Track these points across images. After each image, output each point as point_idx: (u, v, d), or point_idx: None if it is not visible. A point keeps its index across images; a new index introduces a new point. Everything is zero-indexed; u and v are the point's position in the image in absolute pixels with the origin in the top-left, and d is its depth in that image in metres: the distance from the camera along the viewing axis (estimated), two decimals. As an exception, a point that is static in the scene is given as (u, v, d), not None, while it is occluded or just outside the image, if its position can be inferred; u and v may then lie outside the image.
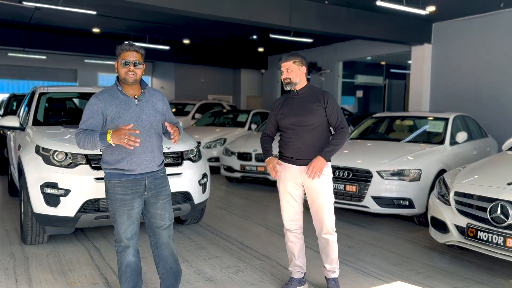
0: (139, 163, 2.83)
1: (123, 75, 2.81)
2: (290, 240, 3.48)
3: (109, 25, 11.23)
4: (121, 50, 2.82)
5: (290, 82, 3.28)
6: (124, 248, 2.89)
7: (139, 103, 2.87)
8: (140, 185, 2.86)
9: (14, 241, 4.58)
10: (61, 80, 17.79)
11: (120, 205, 2.83)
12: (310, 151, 3.27)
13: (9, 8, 9.04)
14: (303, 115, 3.26)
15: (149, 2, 6.63)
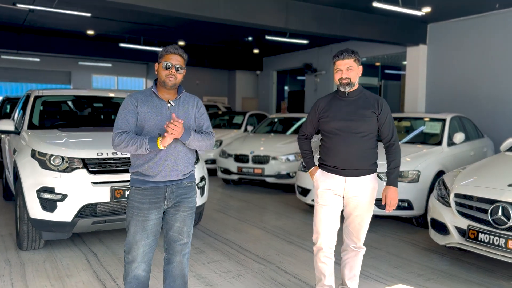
0: (160, 169, 2.67)
1: (163, 78, 2.68)
2: (321, 260, 3.14)
3: (103, 27, 11.16)
4: (165, 52, 2.72)
5: (349, 83, 2.96)
6: (131, 261, 2.72)
7: (172, 108, 2.74)
8: (159, 194, 2.70)
9: (9, 246, 4.51)
10: (55, 83, 17.64)
11: (136, 214, 2.68)
12: (357, 161, 2.99)
13: (2, 10, 8.94)
14: (354, 121, 2.97)
15: (144, 4, 6.58)
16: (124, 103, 2.71)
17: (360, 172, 3.03)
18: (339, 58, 2.98)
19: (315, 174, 3.15)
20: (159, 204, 2.70)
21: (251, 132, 9.56)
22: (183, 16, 7.16)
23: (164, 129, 2.60)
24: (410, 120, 7.27)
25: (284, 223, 5.72)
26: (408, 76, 10.28)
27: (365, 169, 3.05)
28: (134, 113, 2.68)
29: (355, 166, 3.01)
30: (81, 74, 17.69)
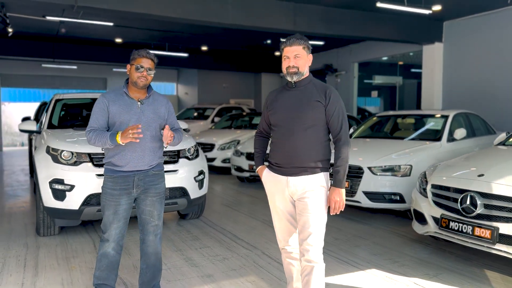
0: (128, 160, 3.01)
1: (135, 79, 2.99)
2: (285, 260, 3.00)
3: (130, 35, 11.86)
4: (138, 55, 3.02)
5: (297, 72, 2.70)
6: (105, 240, 3.10)
7: (141, 106, 3.05)
8: (128, 181, 3.03)
9: (30, 233, 5.07)
10: (92, 88, 18.69)
11: (108, 199, 3.04)
12: (301, 158, 2.69)
13: (36, 22, 9.76)
14: (297, 111, 2.70)
15: (156, 13, 7.09)
16: (97, 103, 3.05)
17: (305, 170, 2.71)
18: (287, 44, 2.73)
19: (262, 174, 2.92)
20: (129, 191, 3.05)
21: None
22: (192, 22, 7.62)
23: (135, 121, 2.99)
24: (414, 117, 7.36)
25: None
26: (424, 74, 10.27)
27: (310, 167, 2.70)
28: (105, 112, 3.01)
29: (298, 163, 2.71)
30: (116, 80, 18.66)
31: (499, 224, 3.55)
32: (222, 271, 3.88)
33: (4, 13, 8.37)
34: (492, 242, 3.56)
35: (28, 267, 3.94)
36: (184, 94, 18.97)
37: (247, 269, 3.93)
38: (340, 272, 3.88)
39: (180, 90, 19.50)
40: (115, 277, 3.23)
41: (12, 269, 3.90)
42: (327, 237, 4.86)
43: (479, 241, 3.66)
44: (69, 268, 3.94)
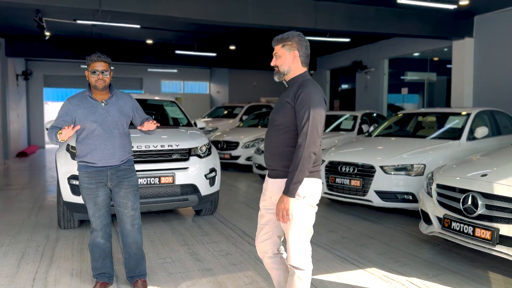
0: (100, 157, 3.25)
1: (93, 83, 3.21)
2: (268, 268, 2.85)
3: (159, 36, 12.23)
4: (90, 61, 3.23)
5: (277, 71, 2.64)
6: (93, 230, 3.35)
7: (106, 106, 3.28)
8: (102, 176, 3.27)
9: (52, 226, 5.40)
10: (129, 88, 19.34)
11: (87, 193, 3.29)
12: (274, 159, 2.59)
13: (70, 25, 10.27)
14: (273, 112, 2.67)
15: (177, 15, 7.30)
16: (62, 105, 3.29)
17: (278, 173, 2.58)
18: (273, 44, 2.68)
19: None
20: (104, 183, 3.29)
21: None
22: (213, 23, 7.78)
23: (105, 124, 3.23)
24: (435, 116, 7.19)
25: (297, 214, 6.06)
26: (454, 70, 9.95)
27: (283, 170, 2.54)
28: (68, 114, 3.23)
29: (273, 166, 2.61)
30: (151, 80, 19.24)
31: (500, 225, 3.46)
32: (222, 266, 4.00)
33: (40, 17, 8.88)
34: (492, 243, 3.48)
35: (45, 257, 4.23)
36: (216, 93, 19.27)
37: (247, 264, 4.04)
38: (338, 270, 3.91)
39: (213, 89, 19.82)
40: (111, 264, 3.47)
41: (30, 258, 4.20)
42: (335, 236, 4.92)
43: (480, 242, 3.59)
44: (81, 259, 4.19)
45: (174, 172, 5.01)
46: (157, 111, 6.77)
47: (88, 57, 3.27)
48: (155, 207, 5.08)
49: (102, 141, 3.23)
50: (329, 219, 5.72)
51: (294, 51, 2.61)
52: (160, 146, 5.04)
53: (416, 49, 11.72)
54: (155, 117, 6.85)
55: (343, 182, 5.81)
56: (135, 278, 3.46)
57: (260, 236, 2.75)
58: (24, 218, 5.78)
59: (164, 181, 4.95)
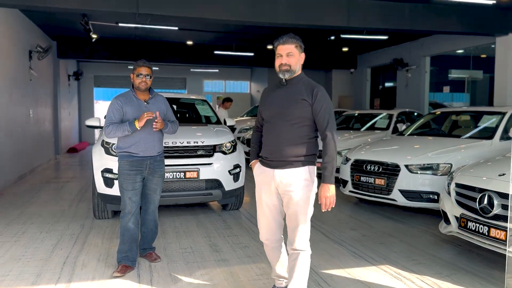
0: (143, 149, 3.78)
1: (137, 84, 3.76)
2: (268, 251, 3.10)
3: (198, 37, 12.58)
4: (137, 65, 3.77)
5: (289, 69, 2.81)
6: (127, 214, 3.74)
7: (147, 105, 3.84)
8: (142, 165, 3.79)
9: (89, 216, 5.79)
10: (173, 88, 19.98)
11: (126, 179, 3.76)
12: (285, 151, 2.78)
13: (114, 28, 10.82)
14: (284, 108, 2.81)
15: (209, 16, 7.52)
16: (111, 103, 3.78)
17: (289, 163, 2.80)
18: (280, 42, 2.84)
19: (254, 167, 3.04)
20: (142, 171, 3.79)
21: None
22: (243, 24, 7.94)
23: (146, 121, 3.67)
24: (470, 114, 6.96)
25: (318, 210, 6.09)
26: (497, 67, 9.52)
27: (295, 160, 2.79)
28: (119, 111, 3.76)
29: (283, 157, 2.80)
30: (194, 79, 19.75)
31: (515, 225, 3.37)
32: (238, 257, 4.16)
33: (86, 21, 9.44)
34: (506, 244, 3.40)
35: (77, 244, 4.58)
36: (256, 92, 19.48)
37: (261, 257, 4.17)
38: (351, 266, 3.95)
39: (253, 88, 20.05)
40: (136, 249, 3.84)
41: (64, 244, 4.56)
42: (355, 234, 4.96)
43: (495, 243, 3.52)
44: (109, 247, 4.50)
45: (198, 167, 5.23)
46: (189, 109, 7.04)
47: (135, 62, 3.78)
48: (182, 200, 5.33)
49: (144, 135, 3.73)
50: (353, 217, 5.74)
51: (302, 52, 2.89)
52: (186, 142, 5.28)
53: (459, 46, 11.32)
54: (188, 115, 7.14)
55: (367, 180, 5.80)
56: (148, 251, 4.04)
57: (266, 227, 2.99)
58: (65, 209, 6.22)
59: (189, 176, 5.18)
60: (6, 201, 6.67)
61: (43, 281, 3.55)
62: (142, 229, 3.99)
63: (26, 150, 9.49)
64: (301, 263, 2.84)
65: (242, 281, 3.58)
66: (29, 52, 9.87)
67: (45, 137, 11.68)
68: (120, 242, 3.78)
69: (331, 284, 3.53)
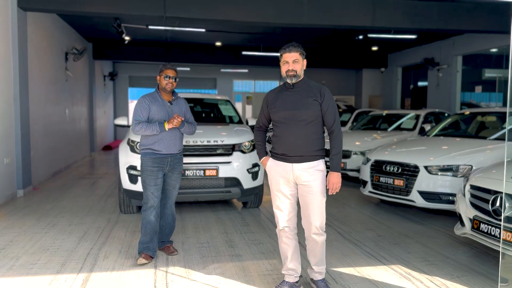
0: (165, 146, 4.00)
1: (163, 85, 4.00)
2: (283, 241, 3.33)
3: (226, 38, 12.80)
4: (165, 68, 4.04)
5: (295, 74, 3.13)
6: (149, 208, 3.96)
7: (171, 106, 4.10)
8: (164, 162, 4.01)
9: (116, 211, 6.07)
10: (204, 88, 20.35)
11: (149, 175, 3.98)
12: (303, 148, 3.14)
13: (145, 31, 11.19)
14: (298, 109, 3.12)
15: (234, 18, 7.69)
16: (139, 102, 3.98)
17: (306, 158, 3.15)
18: (286, 51, 3.14)
19: (267, 163, 3.32)
20: (164, 168, 4.02)
21: (349, 129, 9.92)
22: (268, 25, 8.06)
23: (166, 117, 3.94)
24: (496, 115, 6.79)
25: (341, 212, 6.15)
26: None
27: (310, 155, 3.15)
28: (146, 110, 3.95)
29: (300, 153, 3.14)
30: (224, 79, 20.04)
31: (526, 228, 3.34)
32: (251, 253, 4.29)
33: (118, 24, 9.82)
34: (517, 246, 3.37)
35: (102, 237, 4.84)
36: (286, 92, 19.54)
37: (274, 253, 4.28)
38: (361, 265, 4.00)
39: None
40: (157, 241, 4.06)
41: (90, 237, 4.83)
42: (371, 234, 4.99)
43: (506, 245, 3.48)
44: (131, 240, 4.73)
45: (218, 165, 5.40)
46: (212, 109, 7.23)
47: (163, 65, 4.04)
48: (201, 197, 5.52)
49: (167, 133, 3.96)
50: (372, 218, 5.75)
51: (304, 59, 3.24)
52: (206, 141, 5.46)
53: (492, 45, 11.00)
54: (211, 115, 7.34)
55: (386, 181, 5.80)
56: (166, 244, 4.26)
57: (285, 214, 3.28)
58: (94, 203, 6.55)
59: (208, 174, 5.36)
60: (41, 196, 7.08)
61: (67, 270, 3.81)
62: (161, 223, 4.20)
63: (61, 147, 9.99)
64: (321, 246, 3.27)
65: (252, 276, 3.71)
66: (65, 53, 10.37)
67: (80, 135, 12.22)
68: (142, 234, 4.00)
69: (338, 281, 3.60)
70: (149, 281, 3.59)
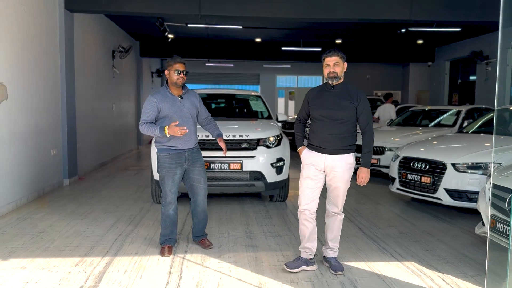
0: (181, 142, 4.05)
1: (174, 80, 3.96)
2: (303, 223, 3.72)
3: (267, 34, 12.92)
4: (174, 62, 3.98)
5: (336, 76, 3.51)
6: (168, 203, 4.10)
7: (181, 100, 4.07)
8: (182, 157, 4.07)
9: (149, 200, 6.41)
10: (247, 84, 20.66)
11: (167, 172, 4.05)
12: (336, 142, 3.54)
13: (185, 29, 11.55)
14: (335, 110, 3.51)
15: (268, 15, 7.79)
16: (148, 101, 3.96)
17: (338, 151, 3.57)
18: (328, 55, 3.55)
19: (303, 152, 3.74)
20: (182, 163, 4.07)
21: (387, 124, 9.74)
22: (304, 20, 8.11)
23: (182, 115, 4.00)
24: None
25: (368, 208, 6.12)
26: None
27: (342, 149, 3.57)
28: (155, 108, 3.93)
29: (333, 146, 3.56)
30: (267, 75, 20.21)
31: (541, 229, 3.22)
32: (267, 245, 4.43)
33: (161, 23, 10.23)
34: (531, 247, 3.26)
35: (132, 224, 5.16)
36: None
37: (289, 246, 4.39)
38: (374, 260, 4.02)
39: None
40: (176, 232, 4.26)
41: (121, 224, 5.17)
42: (392, 231, 5.00)
43: (521, 246, 3.37)
44: (158, 228, 5.00)
45: (242, 159, 5.57)
46: (243, 104, 7.41)
47: (171, 59, 3.99)
48: (226, 189, 5.72)
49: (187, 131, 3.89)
50: (398, 215, 5.69)
51: (345, 63, 3.62)
52: (231, 136, 5.64)
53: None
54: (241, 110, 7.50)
55: (414, 178, 5.71)
56: (201, 238, 4.37)
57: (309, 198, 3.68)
58: (131, 193, 6.94)
59: (233, 167, 5.54)
60: (85, 185, 7.60)
61: (94, 253, 4.14)
62: (194, 220, 4.31)
63: (108, 140, 10.59)
64: (339, 222, 3.77)
65: (263, 265, 3.85)
66: (112, 52, 10.95)
67: (127, 129, 12.86)
68: (162, 227, 4.17)
69: (346, 275, 3.66)
70: (166, 266, 3.83)
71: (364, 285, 3.46)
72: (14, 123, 5.85)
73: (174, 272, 3.70)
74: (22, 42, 6.09)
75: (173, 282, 3.49)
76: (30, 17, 6.33)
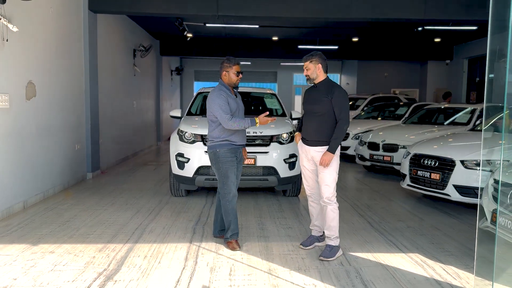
0: (240, 137, 4.29)
1: (234, 81, 4.25)
2: (310, 204, 4.29)
3: (283, 33, 13.11)
4: (234, 64, 4.24)
5: (308, 78, 4.07)
6: (233, 197, 4.24)
7: (237, 99, 4.35)
8: (238, 152, 4.30)
9: (168, 193, 6.71)
10: (265, 82, 20.85)
11: (230, 166, 4.19)
12: (315, 134, 4.01)
13: (203, 28, 11.84)
14: (314, 104, 4.02)
15: (284, 15, 7.99)
16: (220, 97, 4.11)
17: (317, 142, 4.01)
18: (302, 61, 4.10)
19: (298, 141, 4.27)
20: (236, 158, 4.27)
21: (402, 123, 9.82)
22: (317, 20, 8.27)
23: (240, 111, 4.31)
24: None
25: (379, 204, 6.28)
26: None
27: (322, 140, 3.98)
28: (227, 102, 4.12)
29: (313, 138, 4.03)
30: (284, 73, 20.37)
31: (539, 222, 3.36)
32: (278, 236, 4.66)
33: (180, 22, 10.53)
34: (529, 240, 3.40)
35: (151, 215, 5.46)
36: (345, 85, 19.42)
37: (299, 238, 4.61)
38: (380, 251, 4.21)
39: (343, 81, 20.01)
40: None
41: (141, 215, 5.47)
42: (401, 225, 5.17)
43: (519, 238, 3.52)
44: (176, 219, 5.29)
45: (256, 155, 5.81)
46: (258, 101, 7.63)
47: (229, 61, 4.25)
48: (241, 184, 5.92)
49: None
50: (408, 211, 5.84)
51: (318, 64, 4.01)
52: (246, 132, 5.86)
53: None
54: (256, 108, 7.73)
55: (423, 174, 5.85)
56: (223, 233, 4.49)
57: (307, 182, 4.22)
58: (151, 186, 7.26)
59: (247, 162, 5.78)
60: (107, 179, 7.96)
61: (116, 240, 4.43)
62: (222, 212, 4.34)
63: (129, 136, 10.97)
64: (331, 213, 3.98)
65: (273, 254, 4.08)
66: (133, 50, 11.31)
67: (147, 125, 13.24)
68: (232, 223, 4.24)
69: (352, 264, 3.86)
70: (182, 253, 4.10)
71: (368, 274, 3.65)
72: (42, 119, 6.21)
73: (190, 258, 3.97)
74: (49, 42, 6.45)
75: (189, 267, 3.75)
76: (56, 18, 6.69)
